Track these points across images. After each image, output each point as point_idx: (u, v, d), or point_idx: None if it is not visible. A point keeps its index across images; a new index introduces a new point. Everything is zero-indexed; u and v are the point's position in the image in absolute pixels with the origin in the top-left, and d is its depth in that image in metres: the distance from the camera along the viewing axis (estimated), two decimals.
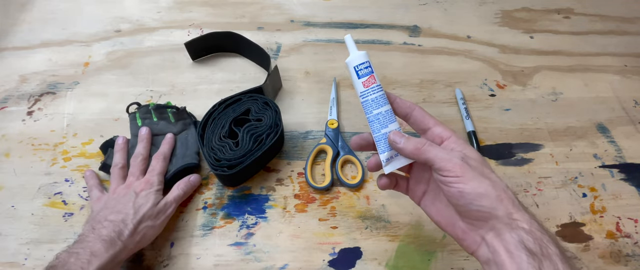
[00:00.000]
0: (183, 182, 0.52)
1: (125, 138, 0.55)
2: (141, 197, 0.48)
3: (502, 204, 0.32)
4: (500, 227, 0.33)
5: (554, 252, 0.31)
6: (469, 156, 0.34)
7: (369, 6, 0.79)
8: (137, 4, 0.78)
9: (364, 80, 0.39)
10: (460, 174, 0.33)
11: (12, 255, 0.49)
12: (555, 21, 0.79)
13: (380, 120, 0.38)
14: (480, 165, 0.34)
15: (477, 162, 0.34)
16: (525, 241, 0.31)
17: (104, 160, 0.55)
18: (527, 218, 0.32)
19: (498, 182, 0.34)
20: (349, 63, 0.40)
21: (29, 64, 0.68)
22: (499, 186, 0.33)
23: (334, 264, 0.50)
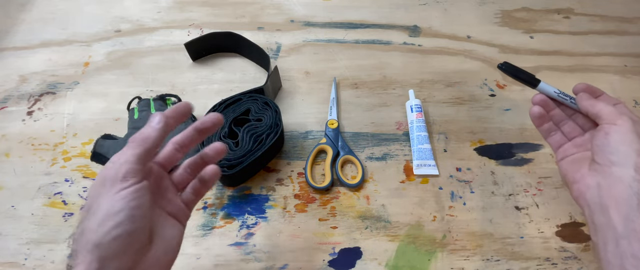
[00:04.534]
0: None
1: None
2: None
3: (631, 158, 0.36)
4: (621, 175, 0.36)
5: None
6: (631, 117, 0.39)
7: (369, 6, 0.79)
8: (137, 4, 0.78)
9: (417, 113, 0.61)
10: (614, 121, 0.38)
11: (12, 255, 0.49)
12: (555, 21, 0.79)
13: (420, 139, 0.58)
14: (636, 124, 0.38)
15: (634, 121, 0.39)
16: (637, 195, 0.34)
17: (94, 148, 0.53)
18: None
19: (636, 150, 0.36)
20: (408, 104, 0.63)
21: (29, 64, 0.68)
22: (638, 145, 0.36)
23: (334, 264, 0.50)
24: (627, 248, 0.34)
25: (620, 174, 0.36)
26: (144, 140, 0.32)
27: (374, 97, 0.66)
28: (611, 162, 0.37)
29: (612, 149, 0.38)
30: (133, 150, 0.31)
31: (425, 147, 0.58)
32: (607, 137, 0.38)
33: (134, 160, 0.30)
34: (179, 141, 0.36)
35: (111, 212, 0.28)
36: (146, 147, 0.31)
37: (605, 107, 0.40)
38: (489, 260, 0.50)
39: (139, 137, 0.32)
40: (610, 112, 0.40)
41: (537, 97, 0.47)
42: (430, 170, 0.57)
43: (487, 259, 0.50)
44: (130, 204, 0.28)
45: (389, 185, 0.56)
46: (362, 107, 0.65)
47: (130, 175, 0.29)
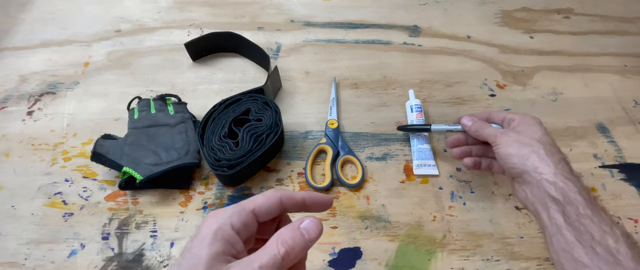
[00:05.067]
0: (288, 230, 0.27)
1: None
2: None
3: (528, 160, 0.41)
4: (530, 180, 0.41)
5: (576, 198, 0.37)
6: (516, 130, 0.45)
7: (369, 6, 0.79)
8: (137, 4, 0.78)
9: (417, 113, 0.62)
10: (498, 142, 0.45)
11: (12, 255, 0.49)
12: (555, 21, 0.79)
13: (420, 139, 0.60)
14: (523, 135, 0.44)
15: (521, 133, 0.44)
16: (548, 190, 0.39)
17: (94, 148, 0.53)
18: (552, 171, 0.39)
19: (531, 146, 0.42)
20: (408, 104, 0.64)
21: (29, 64, 0.68)
22: (531, 148, 0.42)
23: (334, 264, 0.50)
24: (557, 243, 0.37)
25: (529, 179, 0.41)
26: (295, 257, 0.26)
27: (374, 97, 0.66)
28: (518, 172, 0.42)
29: (510, 163, 0.43)
30: (276, 267, 0.25)
31: (425, 147, 0.58)
32: (501, 156, 0.44)
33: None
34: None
35: None
36: (287, 266, 0.26)
37: (489, 131, 0.47)
38: (489, 260, 0.50)
39: (292, 254, 0.25)
40: (493, 135, 0.46)
41: (449, 140, 0.54)
42: (430, 170, 0.57)
43: (487, 259, 0.50)
44: None
45: (389, 185, 0.56)
46: (362, 107, 0.65)
47: None
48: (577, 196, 0.37)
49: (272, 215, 0.28)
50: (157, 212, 0.53)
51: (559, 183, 0.38)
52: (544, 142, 0.43)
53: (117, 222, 0.52)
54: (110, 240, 0.50)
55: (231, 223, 0.25)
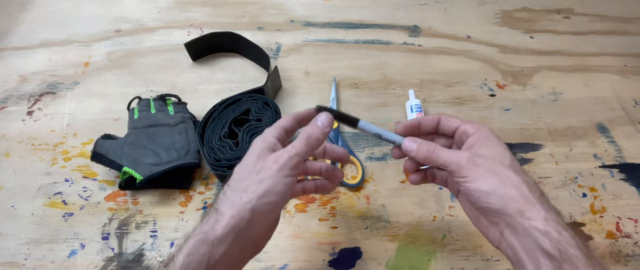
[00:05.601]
0: (309, 125, 0.37)
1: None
2: None
3: (512, 201, 0.31)
4: (514, 225, 0.32)
5: (575, 254, 0.29)
6: (480, 154, 0.34)
7: (369, 6, 0.79)
8: (137, 4, 0.78)
9: (417, 113, 0.60)
10: (466, 174, 0.33)
11: (12, 255, 0.49)
12: (555, 21, 0.79)
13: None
14: (492, 161, 0.34)
15: (489, 159, 0.34)
16: (540, 242, 0.30)
17: (94, 148, 0.53)
18: (542, 216, 0.31)
19: (509, 179, 0.32)
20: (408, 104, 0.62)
21: (29, 64, 0.68)
22: (510, 183, 0.32)
23: (334, 264, 0.50)
24: None
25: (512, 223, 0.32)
26: (316, 141, 0.36)
27: (374, 97, 0.66)
28: (495, 213, 0.33)
29: (484, 203, 0.33)
30: (306, 147, 0.36)
31: None
32: (471, 193, 0.33)
33: (303, 155, 0.35)
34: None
35: (274, 190, 0.34)
36: (313, 149, 0.36)
37: (447, 157, 0.35)
38: (489, 260, 0.50)
39: (312, 137, 0.36)
40: (455, 164, 0.34)
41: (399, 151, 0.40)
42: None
43: (487, 259, 0.50)
44: (287, 190, 0.34)
45: (389, 185, 0.56)
46: (362, 107, 0.65)
47: (297, 168, 0.35)
48: (576, 251, 0.29)
49: (294, 128, 0.39)
50: (157, 212, 0.53)
51: (553, 233, 0.30)
52: (517, 169, 0.34)
53: (117, 222, 0.52)
54: (110, 240, 0.50)
55: (271, 135, 0.37)
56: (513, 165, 0.34)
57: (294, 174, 0.35)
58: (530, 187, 0.32)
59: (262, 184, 0.34)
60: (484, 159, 0.34)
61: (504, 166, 0.33)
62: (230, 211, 0.33)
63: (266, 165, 0.34)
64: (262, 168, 0.34)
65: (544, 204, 0.32)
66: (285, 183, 0.34)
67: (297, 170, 0.35)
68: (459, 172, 0.34)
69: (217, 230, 0.32)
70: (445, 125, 0.39)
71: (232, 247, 0.33)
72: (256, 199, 0.33)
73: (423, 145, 0.37)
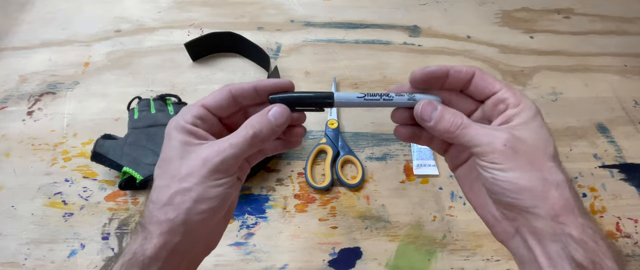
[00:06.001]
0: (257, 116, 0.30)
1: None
2: None
3: (548, 202, 0.26)
4: (541, 228, 0.27)
5: (611, 267, 0.25)
6: (522, 138, 0.27)
7: (369, 6, 0.79)
8: (137, 4, 0.78)
9: None
10: (499, 161, 0.27)
11: (12, 255, 0.49)
12: (555, 21, 0.79)
13: None
14: (536, 150, 0.27)
15: (533, 146, 0.27)
16: (572, 251, 0.25)
17: (94, 148, 0.53)
18: (579, 223, 0.26)
19: (552, 176, 0.27)
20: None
21: (29, 64, 0.68)
22: (551, 181, 0.26)
23: (334, 264, 0.50)
24: None
25: (540, 226, 0.27)
26: (261, 141, 0.29)
27: None
28: (520, 210, 0.27)
29: (511, 198, 0.27)
30: (248, 146, 0.28)
31: (425, 146, 0.58)
32: (498, 182, 0.27)
33: (242, 156, 0.29)
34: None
35: (206, 196, 0.28)
36: (257, 147, 0.29)
37: (476, 136, 0.28)
38: (489, 260, 0.50)
39: (259, 136, 0.29)
40: (487, 145, 0.27)
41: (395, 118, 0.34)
42: (430, 170, 0.57)
43: (487, 259, 0.50)
44: (225, 192, 0.29)
45: (389, 185, 0.56)
46: None
47: (232, 169, 0.29)
48: (612, 264, 0.25)
49: (224, 107, 0.30)
50: None
51: (589, 243, 0.25)
52: (559, 162, 0.28)
53: (117, 222, 0.52)
54: (110, 240, 0.50)
55: (184, 120, 0.29)
56: (556, 158, 0.28)
57: (229, 174, 0.29)
58: (571, 189, 0.27)
59: (190, 194, 0.27)
60: (527, 145, 0.27)
61: (547, 158, 0.27)
62: (158, 229, 0.27)
63: (192, 167, 0.27)
64: (187, 172, 0.27)
65: (581, 209, 0.27)
66: (220, 185, 0.28)
67: (235, 169, 0.29)
68: (490, 157, 0.27)
69: (147, 250, 0.27)
70: (480, 85, 0.30)
71: (171, 262, 0.28)
72: (185, 212, 0.27)
73: (447, 114, 0.29)
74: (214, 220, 0.30)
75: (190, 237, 0.29)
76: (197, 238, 0.30)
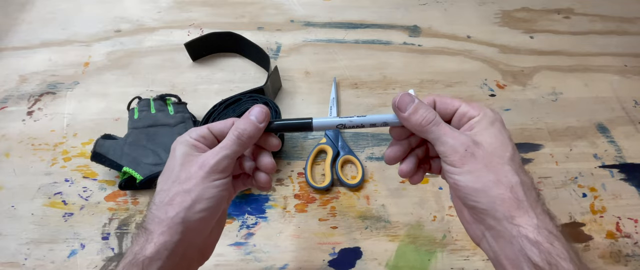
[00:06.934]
0: (242, 120, 0.33)
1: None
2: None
3: (503, 204, 0.28)
4: (500, 230, 0.28)
5: (567, 268, 0.26)
6: (481, 143, 0.30)
7: (369, 6, 0.79)
8: (137, 4, 0.78)
9: None
10: (458, 165, 0.29)
11: (12, 255, 0.49)
12: (555, 21, 0.79)
13: None
14: (493, 154, 0.29)
15: (490, 150, 0.29)
16: (528, 252, 0.27)
17: (94, 148, 0.53)
18: (534, 224, 0.27)
19: (506, 178, 0.29)
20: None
21: (29, 64, 0.68)
22: (505, 183, 0.28)
23: (334, 264, 0.50)
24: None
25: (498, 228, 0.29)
26: (249, 139, 0.33)
27: (374, 97, 0.66)
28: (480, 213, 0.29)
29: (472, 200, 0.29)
30: (237, 146, 0.32)
31: None
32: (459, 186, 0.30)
33: (234, 155, 0.32)
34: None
35: (204, 197, 0.31)
36: (246, 146, 0.33)
37: (443, 135, 0.30)
38: (489, 261, 0.50)
39: (245, 135, 0.32)
40: (451, 147, 0.30)
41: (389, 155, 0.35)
42: None
43: (486, 259, 0.50)
44: (220, 193, 0.32)
45: (389, 185, 0.56)
46: (362, 107, 0.65)
47: (228, 170, 0.32)
48: (568, 265, 0.26)
49: (225, 133, 0.34)
50: None
51: (544, 244, 0.27)
52: (517, 165, 0.30)
53: (117, 222, 0.52)
54: (110, 240, 0.50)
55: (190, 136, 0.33)
56: (513, 161, 0.30)
57: (224, 176, 0.32)
58: (526, 189, 0.29)
59: (189, 194, 0.30)
60: (484, 150, 0.29)
61: (503, 161, 0.29)
62: (158, 228, 0.30)
63: (191, 172, 0.31)
64: (187, 176, 0.31)
65: (537, 209, 0.28)
66: (216, 186, 0.31)
67: (229, 171, 0.32)
68: (452, 159, 0.30)
69: (147, 249, 0.29)
70: (442, 107, 0.33)
71: (169, 264, 0.30)
72: (184, 210, 0.30)
73: (421, 108, 0.31)
74: (210, 222, 0.33)
75: (188, 237, 0.31)
76: (194, 240, 0.32)
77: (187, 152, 0.32)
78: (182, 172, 0.31)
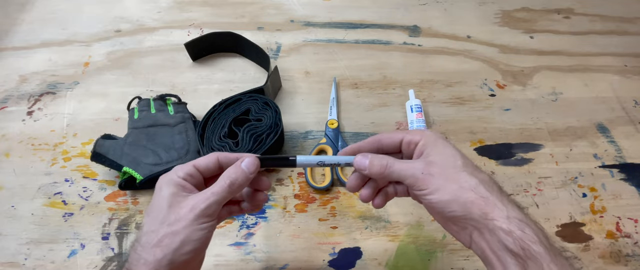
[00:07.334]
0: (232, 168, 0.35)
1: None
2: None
3: (474, 205, 0.31)
4: (480, 228, 0.32)
5: (537, 251, 0.29)
6: (433, 162, 0.34)
7: (369, 6, 0.79)
8: (137, 4, 0.78)
9: (417, 113, 0.60)
10: (424, 187, 0.33)
11: (12, 255, 0.49)
12: (555, 21, 0.79)
13: None
14: (446, 167, 0.33)
15: (442, 165, 0.33)
16: (504, 241, 0.30)
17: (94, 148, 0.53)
18: (504, 215, 0.31)
19: (466, 183, 0.32)
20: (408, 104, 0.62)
21: (29, 64, 0.68)
22: (467, 186, 0.32)
23: (334, 264, 0.50)
24: None
25: (477, 225, 0.32)
26: (239, 187, 0.34)
27: (374, 97, 0.66)
28: (460, 220, 0.33)
29: (448, 212, 0.33)
30: (227, 193, 0.33)
31: None
32: (432, 204, 0.33)
33: (222, 201, 0.33)
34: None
35: (191, 239, 0.32)
36: (235, 193, 0.34)
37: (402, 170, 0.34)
38: None
39: (235, 184, 0.34)
40: (412, 177, 0.33)
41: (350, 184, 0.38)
42: None
43: None
44: (207, 235, 0.33)
45: None
46: (362, 107, 0.65)
47: (215, 214, 0.33)
48: (538, 248, 0.29)
49: (211, 169, 0.36)
50: None
51: (516, 231, 0.30)
52: (471, 169, 0.34)
53: (117, 222, 0.52)
54: (110, 240, 0.50)
55: (177, 175, 0.34)
56: (466, 166, 0.33)
57: (212, 219, 0.33)
58: (487, 187, 0.32)
59: (178, 236, 0.31)
60: (438, 166, 0.33)
61: (457, 169, 0.33)
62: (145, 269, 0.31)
63: (181, 214, 0.32)
64: (176, 218, 0.32)
65: (504, 201, 0.32)
66: (204, 228, 0.32)
67: (216, 215, 0.34)
68: (417, 185, 0.33)
69: None
70: (387, 142, 0.37)
71: None
72: (172, 252, 0.31)
73: (375, 159, 0.35)
74: (195, 261, 0.35)
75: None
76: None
77: (175, 193, 0.33)
78: (170, 213, 0.32)
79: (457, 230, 0.35)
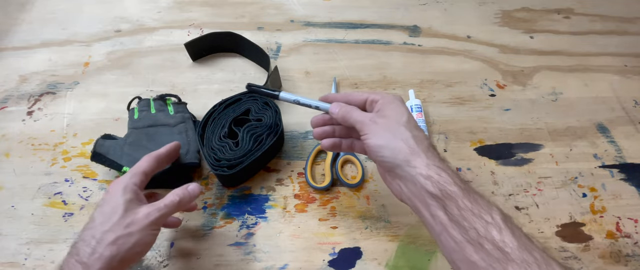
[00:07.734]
0: (180, 189, 0.43)
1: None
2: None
3: (400, 152, 0.37)
4: (404, 174, 0.37)
5: (453, 191, 0.34)
6: (382, 115, 0.40)
7: (369, 6, 0.79)
8: (137, 4, 0.78)
9: (417, 113, 0.61)
10: (366, 131, 0.40)
11: (12, 255, 0.49)
12: (555, 21, 0.79)
13: None
14: (391, 120, 0.39)
15: (389, 118, 0.40)
16: (424, 185, 0.35)
17: (94, 148, 0.53)
18: (424, 163, 0.36)
19: (401, 134, 0.38)
20: (408, 104, 0.62)
21: (29, 64, 0.68)
22: (400, 137, 0.38)
23: (334, 264, 0.50)
24: (446, 242, 0.35)
25: (402, 173, 0.38)
26: (184, 206, 0.43)
27: None
28: (390, 166, 0.38)
29: (380, 156, 0.39)
30: (175, 208, 0.41)
31: None
32: (370, 147, 0.39)
33: (170, 214, 0.41)
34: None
35: (143, 242, 0.39)
36: (181, 210, 0.44)
37: (356, 116, 0.41)
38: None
39: (183, 203, 0.42)
40: (360, 122, 0.40)
41: (313, 119, 0.47)
42: None
43: None
44: (154, 239, 0.40)
45: None
46: None
47: (162, 223, 0.42)
48: (453, 188, 0.35)
49: (154, 170, 0.45)
50: None
51: (434, 176, 0.35)
52: (411, 126, 0.39)
53: None
54: None
55: (133, 182, 0.42)
56: (408, 124, 0.39)
57: (159, 226, 0.41)
58: (417, 140, 0.38)
59: (132, 237, 0.38)
60: (384, 118, 0.40)
61: (399, 124, 0.39)
62: (98, 263, 0.36)
63: (137, 219, 0.39)
64: (132, 221, 0.38)
65: (428, 154, 0.37)
66: (153, 234, 0.40)
67: (162, 223, 0.41)
68: (362, 129, 0.40)
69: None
70: (355, 98, 0.44)
71: None
72: (125, 251, 0.37)
73: (343, 107, 0.43)
74: (139, 257, 0.41)
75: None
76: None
77: (131, 199, 0.40)
78: (126, 218, 0.38)
79: (391, 180, 0.40)
